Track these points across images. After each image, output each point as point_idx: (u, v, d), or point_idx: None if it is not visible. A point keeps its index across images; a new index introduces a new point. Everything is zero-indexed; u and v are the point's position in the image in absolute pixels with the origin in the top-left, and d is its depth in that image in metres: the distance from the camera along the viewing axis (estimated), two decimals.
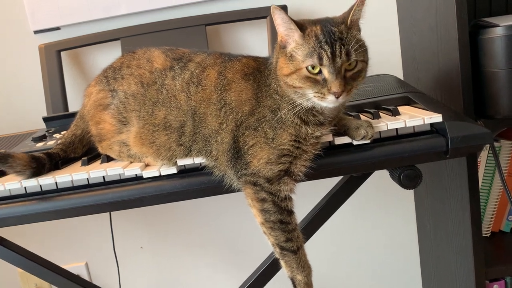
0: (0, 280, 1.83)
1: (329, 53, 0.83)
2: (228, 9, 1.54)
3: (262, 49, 1.56)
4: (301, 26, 0.86)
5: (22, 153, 1.02)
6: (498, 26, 1.07)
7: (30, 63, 1.63)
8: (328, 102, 0.85)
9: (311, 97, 0.86)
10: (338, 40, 0.84)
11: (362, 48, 0.86)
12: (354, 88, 0.87)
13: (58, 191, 1.00)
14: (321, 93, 0.84)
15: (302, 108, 0.88)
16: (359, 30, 0.88)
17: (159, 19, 1.54)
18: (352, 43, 0.84)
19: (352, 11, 0.86)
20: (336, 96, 0.83)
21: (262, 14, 1.49)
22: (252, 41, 1.62)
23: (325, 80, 0.84)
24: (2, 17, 1.62)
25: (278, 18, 0.86)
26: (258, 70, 0.95)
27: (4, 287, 1.84)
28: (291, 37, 0.87)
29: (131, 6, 1.57)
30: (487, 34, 1.09)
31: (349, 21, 0.86)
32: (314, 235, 1.15)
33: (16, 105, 1.68)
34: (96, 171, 0.99)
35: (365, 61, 0.88)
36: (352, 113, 1.05)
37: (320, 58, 0.83)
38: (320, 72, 0.84)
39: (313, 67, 0.84)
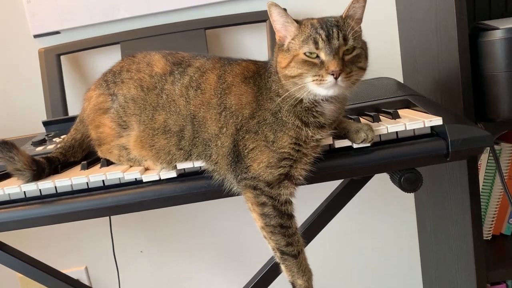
0: (0, 285, 1.82)
1: (324, 36, 0.84)
2: (227, 13, 1.54)
3: (261, 52, 1.56)
4: (297, 20, 0.89)
5: (26, 152, 1.01)
6: (498, 29, 1.07)
7: (30, 67, 1.63)
8: (328, 86, 0.84)
9: (309, 83, 0.85)
10: (335, 26, 0.85)
11: (359, 36, 0.88)
12: (354, 73, 0.86)
13: (57, 195, 1.00)
14: (319, 75, 0.84)
15: (303, 103, 0.88)
16: (359, 27, 0.89)
17: (159, 23, 1.55)
18: (349, 29, 0.85)
19: (348, 7, 0.88)
20: (335, 76, 0.82)
21: (261, 17, 1.49)
22: (252, 45, 1.62)
23: (322, 62, 0.84)
24: (2, 21, 1.62)
25: (274, 14, 0.88)
26: (258, 74, 0.95)
27: None
28: (288, 32, 0.89)
29: (131, 10, 1.57)
30: (487, 37, 1.09)
31: (344, 14, 0.88)
32: (314, 238, 1.15)
33: (15, 109, 1.68)
34: (95, 175, 0.98)
35: (363, 49, 0.89)
36: (352, 116, 1.05)
37: (316, 43, 0.84)
38: (317, 57, 0.85)
39: (310, 53, 0.85)
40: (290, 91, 0.88)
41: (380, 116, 1.04)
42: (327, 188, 1.14)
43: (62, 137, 1.25)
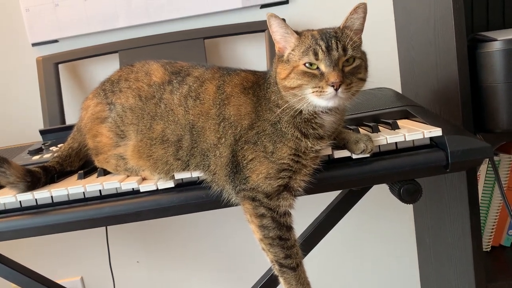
0: None
1: (324, 48, 0.84)
2: (226, 23, 1.55)
3: (260, 62, 1.56)
4: (297, 31, 0.89)
5: (18, 164, 1.01)
6: (496, 40, 1.08)
7: (27, 75, 1.62)
8: (328, 97, 0.84)
9: (309, 95, 0.85)
10: (334, 37, 0.86)
11: (359, 47, 0.88)
12: (354, 84, 0.86)
13: (53, 205, 0.99)
14: (319, 87, 0.84)
15: (303, 114, 0.88)
16: (358, 37, 0.89)
17: (157, 32, 1.55)
18: (348, 40, 0.86)
19: (346, 18, 0.88)
20: (335, 87, 0.82)
21: (260, 27, 1.50)
22: (251, 55, 1.62)
23: (322, 74, 0.84)
24: (1, 29, 1.62)
25: (274, 25, 0.88)
26: (257, 84, 0.95)
27: None
28: (288, 43, 0.89)
29: (129, 19, 1.57)
30: (485, 48, 1.09)
31: (342, 25, 0.88)
32: (312, 249, 1.14)
33: (12, 118, 1.67)
34: (92, 185, 0.97)
35: (363, 60, 0.89)
36: (351, 127, 1.05)
37: (316, 54, 0.84)
38: (317, 68, 0.85)
39: (310, 64, 0.85)
40: (290, 102, 0.88)
41: (379, 127, 1.04)
42: (325, 199, 1.13)
43: (59, 146, 1.25)
